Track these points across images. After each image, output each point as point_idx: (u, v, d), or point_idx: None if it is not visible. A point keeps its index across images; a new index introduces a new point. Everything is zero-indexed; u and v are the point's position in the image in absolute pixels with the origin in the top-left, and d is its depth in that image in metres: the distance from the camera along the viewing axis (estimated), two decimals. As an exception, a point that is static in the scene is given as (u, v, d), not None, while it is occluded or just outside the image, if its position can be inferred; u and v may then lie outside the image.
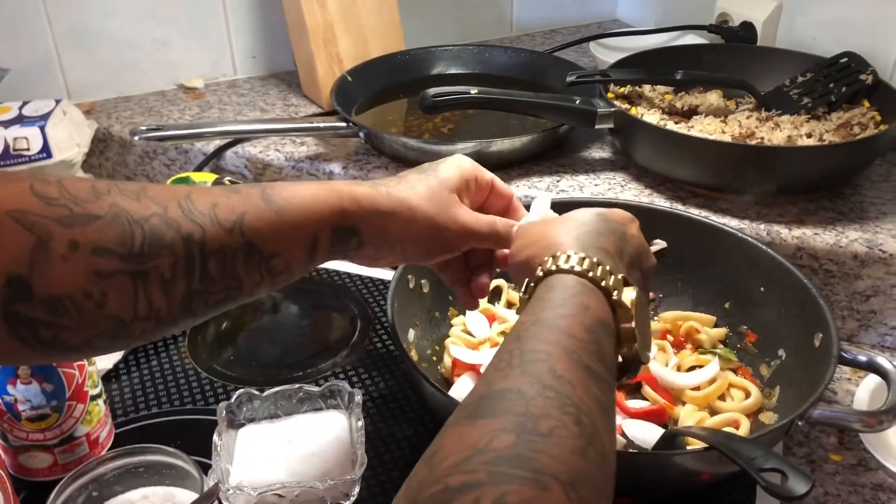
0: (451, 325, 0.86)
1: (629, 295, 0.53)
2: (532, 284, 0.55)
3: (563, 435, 0.41)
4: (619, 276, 0.54)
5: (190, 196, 0.53)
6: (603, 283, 0.53)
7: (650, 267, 0.63)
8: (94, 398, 0.71)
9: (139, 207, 0.50)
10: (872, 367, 0.71)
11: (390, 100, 1.20)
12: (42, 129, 1.04)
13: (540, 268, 0.55)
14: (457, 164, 0.65)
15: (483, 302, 0.88)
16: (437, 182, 0.63)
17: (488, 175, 0.67)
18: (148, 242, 0.49)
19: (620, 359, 0.53)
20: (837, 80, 1.04)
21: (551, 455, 0.39)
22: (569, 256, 0.54)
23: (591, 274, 0.53)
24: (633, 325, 0.52)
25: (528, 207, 0.70)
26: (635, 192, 0.98)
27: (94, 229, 0.48)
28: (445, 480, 0.38)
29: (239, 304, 0.57)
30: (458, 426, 0.42)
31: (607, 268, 0.53)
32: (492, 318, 0.85)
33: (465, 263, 0.70)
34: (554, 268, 0.54)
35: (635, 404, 0.76)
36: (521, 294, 0.56)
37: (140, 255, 0.49)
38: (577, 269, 0.53)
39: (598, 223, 0.60)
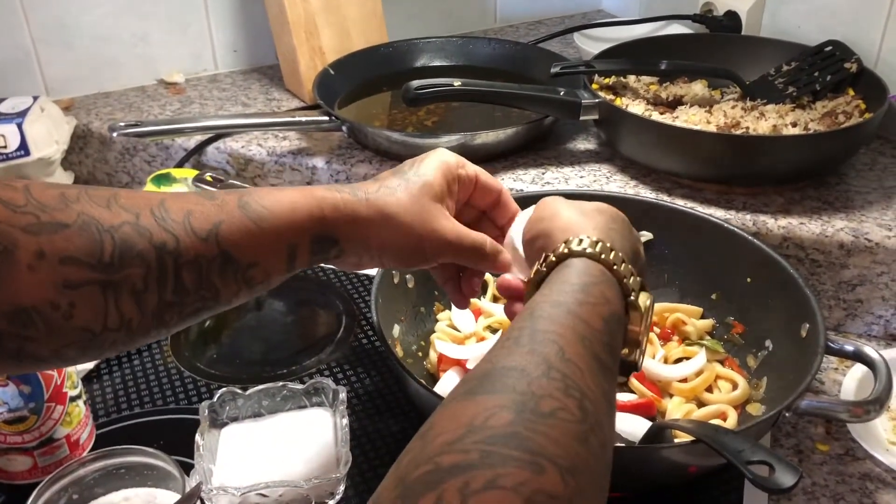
0: (437, 320, 0.85)
1: (645, 300, 0.52)
2: (553, 259, 0.54)
3: (565, 418, 0.39)
4: (639, 279, 0.53)
5: (164, 203, 0.51)
6: (625, 281, 0.52)
7: (639, 251, 0.62)
8: (73, 399, 0.70)
9: (110, 215, 0.49)
10: (859, 357, 0.71)
11: (374, 93, 1.19)
12: (19, 126, 1.03)
13: (564, 244, 0.54)
14: (439, 164, 0.62)
15: (469, 296, 0.87)
16: (418, 188, 0.60)
17: (472, 169, 0.65)
18: (119, 252, 0.48)
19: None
20: (822, 68, 1.04)
21: (550, 437, 0.38)
22: (595, 242, 0.53)
23: (615, 267, 0.52)
24: (641, 329, 0.52)
25: (520, 203, 0.68)
26: (620, 184, 0.97)
27: (62, 238, 0.46)
28: (436, 460, 0.36)
29: (214, 314, 0.55)
30: (456, 402, 0.41)
31: (629, 266, 0.53)
32: (477, 313, 0.85)
33: (456, 264, 0.69)
34: (579, 249, 0.53)
35: (623, 397, 0.75)
36: (539, 265, 0.54)
37: (110, 265, 0.48)
38: (604, 258, 0.52)
39: (618, 219, 0.59)
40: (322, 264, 0.60)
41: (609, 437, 0.42)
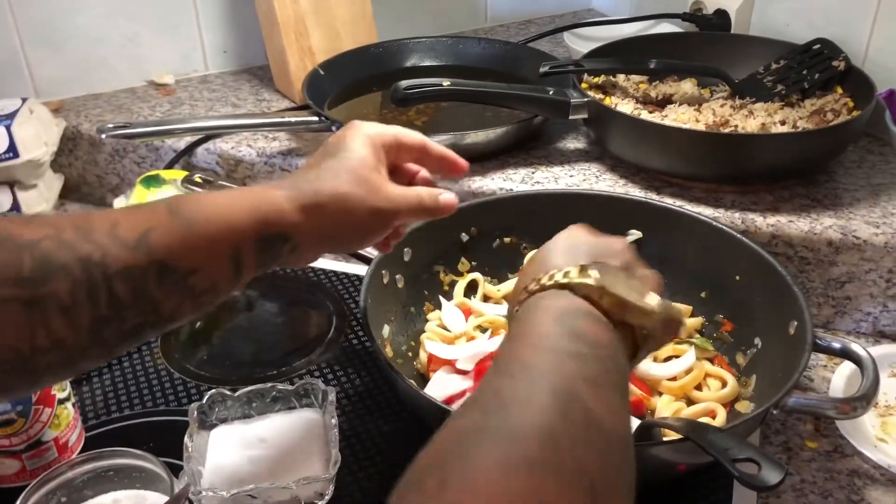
0: (427, 320, 0.85)
1: (589, 273, 0.52)
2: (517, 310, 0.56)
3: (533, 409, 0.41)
4: (576, 268, 0.53)
5: (88, 218, 0.50)
6: (563, 281, 0.53)
7: (618, 252, 0.61)
8: (61, 402, 0.70)
9: (28, 231, 0.47)
10: (846, 354, 0.71)
11: (364, 93, 1.19)
12: (8, 128, 1.02)
13: (516, 306, 0.56)
14: (362, 137, 0.61)
15: (459, 295, 0.87)
16: (356, 163, 0.59)
17: (391, 133, 0.64)
18: (39, 266, 0.46)
19: (631, 330, 0.53)
20: (810, 66, 1.04)
21: (524, 419, 0.39)
22: (537, 279, 0.55)
23: (549, 283, 0.53)
24: (611, 295, 0.51)
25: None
26: (610, 183, 0.97)
27: None
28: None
29: (162, 331, 0.53)
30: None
31: (566, 270, 0.53)
32: (468, 313, 0.85)
33: None
34: (517, 309, 0.55)
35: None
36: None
37: (31, 279, 0.46)
38: (533, 288, 0.54)
39: (560, 248, 0.60)
40: (276, 266, 0.58)
41: (600, 412, 0.42)
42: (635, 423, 0.71)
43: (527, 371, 0.44)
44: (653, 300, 0.53)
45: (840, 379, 0.81)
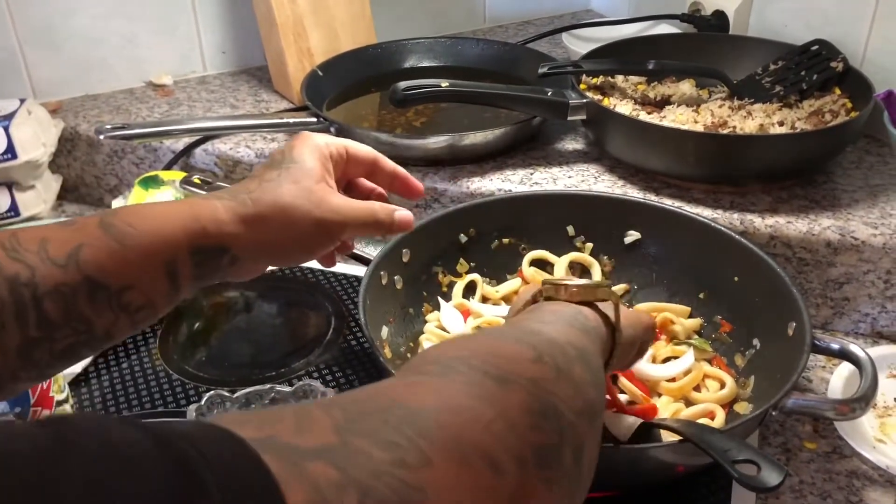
0: (426, 321, 0.85)
1: (558, 270, 0.58)
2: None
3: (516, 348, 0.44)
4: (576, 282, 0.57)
5: (15, 235, 0.48)
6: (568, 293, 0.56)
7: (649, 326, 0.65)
8: (60, 403, 0.70)
9: None
10: (845, 355, 0.71)
11: (362, 94, 1.19)
12: (6, 129, 1.02)
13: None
14: (309, 147, 0.60)
15: (458, 296, 0.87)
16: (301, 174, 0.58)
17: (340, 143, 0.63)
18: None
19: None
20: (808, 67, 1.04)
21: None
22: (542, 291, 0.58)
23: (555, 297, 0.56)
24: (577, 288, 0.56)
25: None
26: (608, 184, 0.97)
27: None
28: None
29: (98, 350, 0.52)
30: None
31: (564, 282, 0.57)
32: (466, 314, 0.85)
33: None
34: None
35: (621, 398, 0.75)
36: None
37: None
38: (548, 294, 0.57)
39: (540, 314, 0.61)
40: (215, 279, 0.57)
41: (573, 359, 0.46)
42: (636, 423, 0.71)
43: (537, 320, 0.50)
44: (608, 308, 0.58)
45: (839, 380, 0.81)
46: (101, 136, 0.98)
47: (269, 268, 0.64)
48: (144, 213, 0.53)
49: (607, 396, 0.73)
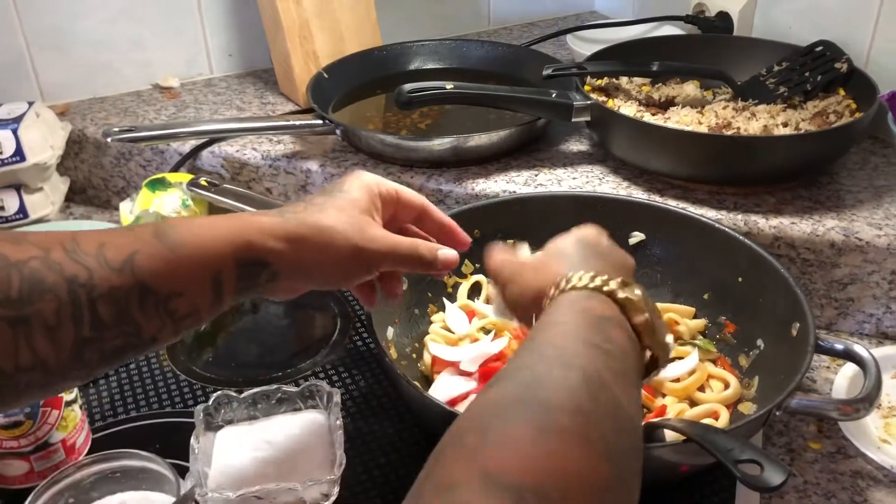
0: (431, 322, 0.86)
1: (635, 291, 0.53)
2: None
3: (567, 385, 0.43)
4: (619, 279, 0.54)
5: (75, 238, 0.50)
6: (605, 288, 0.53)
7: (627, 263, 0.63)
8: (69, 404, 0.71)
9: (17, 251, 0.48)
10: (849, 356, 0.72)
11: (368, 96, 1.19)
12: (14, 131, 1.03)
13: (546, 299, 0.55)
14: (361, 183, 0.63)
15: (463, 297, 0.88)
16: (347, 203, 0.60)
17: (392, 186, 0.65)
18: (27, 287, 0.47)
19: (648, 355, 0.54)
20: (813, 68, 1.04)
21: (554, 400, 0.42)
22: (569, 279, 0.54)
23: (591, 285, 0.53)
24: (647, 316, 0.53)
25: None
26: (613, 185, 0.98)
27: None
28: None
29: (145, 353, 0.54)
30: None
31: (605, 277, 0.54)
32: (471, 315, 0.85)
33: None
34: (557, 293, 0.54)
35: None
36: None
37: (18, 300, 0.46)
38: (579, 285, 0.54)
39: (582, 249, 0.60)
40: (255, 295, 0.58)
41: (625, 401, 0.45)
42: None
43: (560, 355, 0.46)
44: (670, 338, 0.56)
45: (843, 380, 0.81)
46: (109, 139, 0.98)
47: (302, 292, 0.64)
48: (196, 223, 0.55)
49: None
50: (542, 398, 0.42)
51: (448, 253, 0.64)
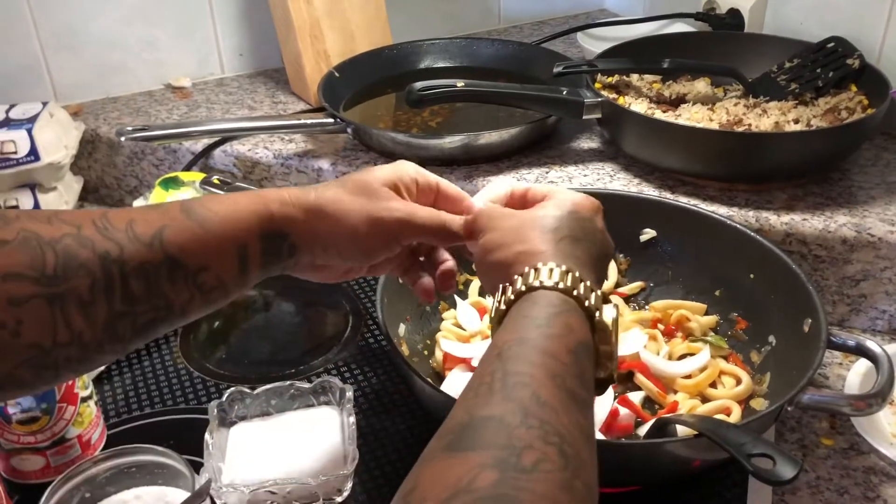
0: (442, 319, 0.86)
1: (609, 314, 0.51)
2: (512, 297, 0.52)
3: (548, 468, 0.39)
4: (599, 294, 0.52)
5: (106, 215, 0.52)
6: (586, 304, 0.51)
7: (611, 252, 0.62)
8: (84, 400, 0.71)
9: (50, 230, 0.49)
10: (861, 351, 0.72)
11: (378, 95, 1.20)
12: (29, 131, 1.04)
13: (521, 280, 0.52)
14: (395, 166, 0.63)
15: (474, 294, 0.88)
16: (367, 176, 0.61)
17: (433, 178, 0.64)
18: (61, 264, 0.48)
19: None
20: (824, 65, 1.04)
21: (536, 492, 0.37)
22: (551, 271, 0.52)
23: (575, 293, 0.51)
24: (612, 347, 0.51)
25: None
26: (624, 182, 0.98)
27: (3, 254, 0.46)
28: None
29: (173, 326, 0.55)
30: (438, 460, 0.40)
31: (588, 284, 0.52)
32: (482, 311, 0.85)
33: (413, 256, 0.68)
34: (537, 283, 0.51)
35: (635, 397, 0.76)
36: (497, 303, 0.53)
37: (54, 277, 0.47)
38: (561, 286, 0.51)
39: (573, 226, 0.57)
40: (279, 271, 0.59)
41: (592, 474, 0.42)
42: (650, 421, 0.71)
43: (537, 413, 0.42)
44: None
45: (855, 376, 0.81)
46: (122, 138, 0.99)
47: (341, 275, 0.65)
48: (221, 199, 0.56)
49: (627, 409, 0.74)
50: (522, 487, 0.37)
51: (472, 221, 0.62)
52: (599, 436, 0.71)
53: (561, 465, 0.39)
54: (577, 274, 0.52)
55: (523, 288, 0.52)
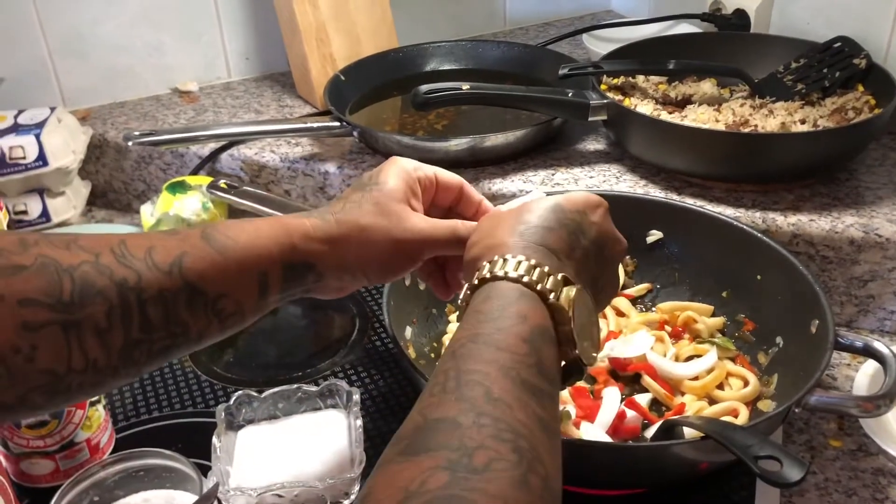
0: (449, 322, 0.86)
1: (567, 294, 0.49)
2: (469, 292, 0.52)
3: (501, 467, 0.38)
4: (559, 277, 0.50)
5: (124, 242, 0.51)
6: (539, 287, 0.49)
7: (619, 251, 0.60)
8: (93, 403, 0.72)
9: (69, 256, 0.48)
10: (869, 352, 0.71)
11: (384, 98, 1.20)
12: (37, 137, 1.05)
13: (476, 274, 0.52)
14: (396, 171, 0.62)
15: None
16: (382, 195, 0.60)
17: (430, 170, 0.64)
18: (78, 291, 0.47)
19: (563, 363, 0.50)
20: (831, 65, 1.04)
21: (488, 492, 0.37)
22: (505, 261, 0.51)
23: (526, 279, 0.49)
24: (571, 326, 0.49)
25: None
26: (630, 184, 0.98)
27: (20, 280, 0.46)
28: None
29: (188, 352, 0.54)
30: (391, 464, 0.40)
31: (545, 269, 0.50)
32: (489, 314, 0.85)
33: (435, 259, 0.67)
34: (489, 275, 0.51)
35: (642, 399, 0.76)
36: (460, 301, 0.53)
37: (70, 304, 0.47)
38: (512, 274, 0.50)
39: (548, 216, 0.55)
40: (301, 294, 0.59)
41: (551, 466, 0.41)
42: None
43: (493, 411, 0.42)
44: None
45: (864, 378, 0.80)
46: (130, 143, 1.00)
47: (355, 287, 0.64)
48: (242, 227, 0.56)
49: (634, 412, 0.74)
50: (473, 487, 0.37)
51: None
52: (606, 438, 0.71)
53: (514, 461, 0.39)
54: (532, 262, 0.50)
55: (476, 282, 0.51)
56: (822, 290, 0.75)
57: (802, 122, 0.96)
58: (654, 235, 0.89)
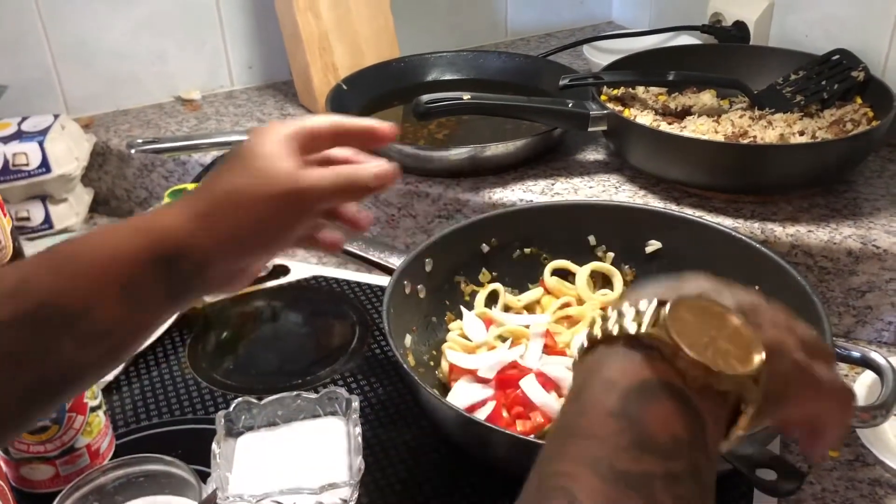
0: (448, 330, 0.86)
1: (664, 321, 0.38)
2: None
3: None
4: (649, 310, 0.39)
5: None
6: (616, 332, 0.39)
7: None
8: (93, 409, 0.72)
9: None
10: (866, 363, 0.71)
11: (386, 107, 1.21)
12: (41, 144, 1.05)
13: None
14: (265, 134, 0.56)
15: (480, 305, 0.88)
16: (253, 157, 0.54)
17: (299, 122, 0.57)
18: None
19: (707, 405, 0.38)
20: (829, 77, 1.05)
21: None
22: (590, 331, 0.41)
23: (607, 327, 0.39)
24: (680, 344, 0.37)
25: None
26: (629, 194, 0.98)
27: None
28: None
29: (71, 392, 0.50)
30: None
31: (627, 308, 0.39)
32: (489, 322, 0.86)
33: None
34: (576, 356, 0.42)
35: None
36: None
37: None
38: (594, 334, 0.40)
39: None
40: (193, 294, 0.53)
41: None
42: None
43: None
44: (756, 360, 0.38)
45: (861, 388, 0.81)
46: (133, 150, 1.00)
47: (252, 275, 0.59)
48: (97, 231, 0.51)
49: None
50: None
51: (380, 166, 0.57)
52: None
53: None
54: (621, 307, 0.40)
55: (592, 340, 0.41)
56: (820, 300, 0.75)
57: (801, 133, 0.96)
58: (653, 245, 0.90)
